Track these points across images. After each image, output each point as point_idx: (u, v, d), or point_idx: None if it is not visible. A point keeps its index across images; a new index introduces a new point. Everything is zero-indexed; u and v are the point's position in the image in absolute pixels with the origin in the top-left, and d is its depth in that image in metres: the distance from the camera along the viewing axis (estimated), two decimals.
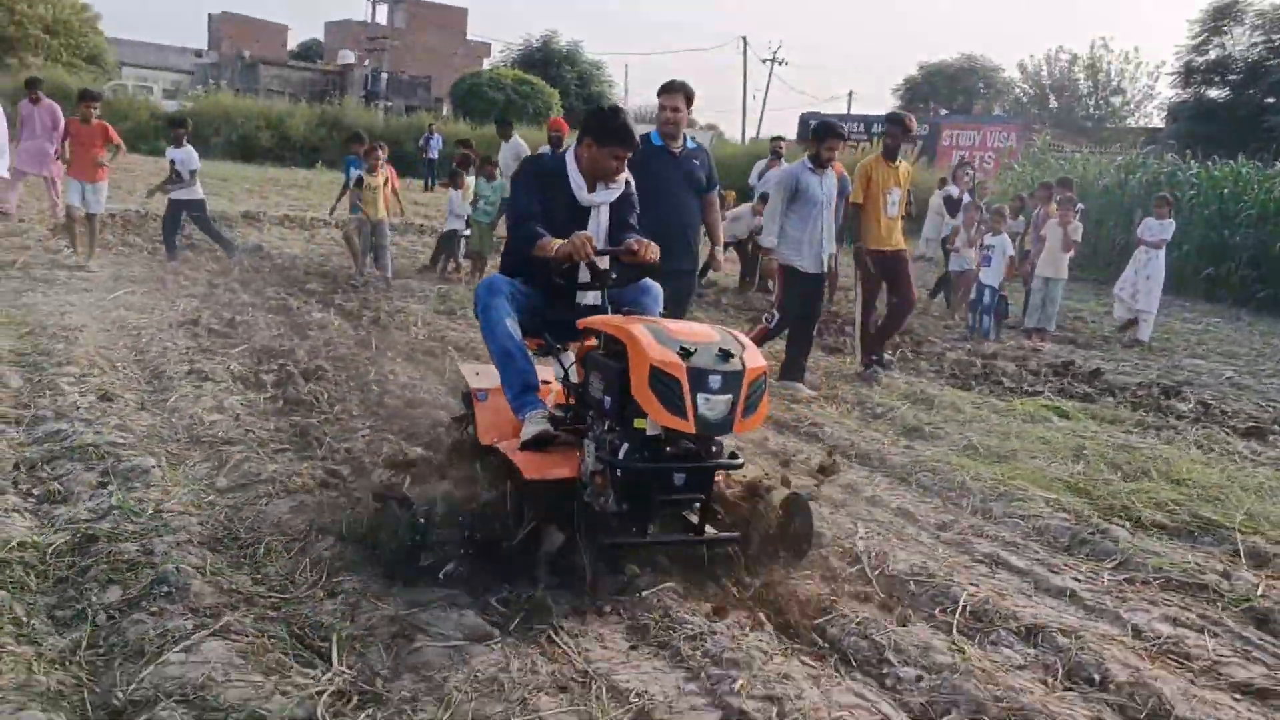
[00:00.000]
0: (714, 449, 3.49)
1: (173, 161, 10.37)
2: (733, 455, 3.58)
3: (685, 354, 3.24)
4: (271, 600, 3.25)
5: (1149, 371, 9.32)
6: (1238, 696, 3.25)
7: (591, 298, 4.05)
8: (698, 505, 3.65)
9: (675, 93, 5.77)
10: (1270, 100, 30.84)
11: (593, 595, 3.40)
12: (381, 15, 60.68)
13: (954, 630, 3.49)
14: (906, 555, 4.13)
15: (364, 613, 3.18)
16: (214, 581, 3.28)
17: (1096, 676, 3.25)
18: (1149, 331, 10.98)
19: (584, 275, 3.95)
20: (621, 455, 3.37)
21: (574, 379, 3.90)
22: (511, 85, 44.53)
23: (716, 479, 3.71)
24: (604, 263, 3.91)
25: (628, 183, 4.23)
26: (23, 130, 10.55)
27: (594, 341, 3.72)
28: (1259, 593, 4.02)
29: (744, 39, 71.33)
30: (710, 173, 6.03)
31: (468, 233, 11.25)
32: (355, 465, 4.47)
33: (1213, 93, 33.62)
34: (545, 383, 4.04)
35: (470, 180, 11.24)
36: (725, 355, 3.30)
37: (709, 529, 3.70)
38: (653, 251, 3.99)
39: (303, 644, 2.99)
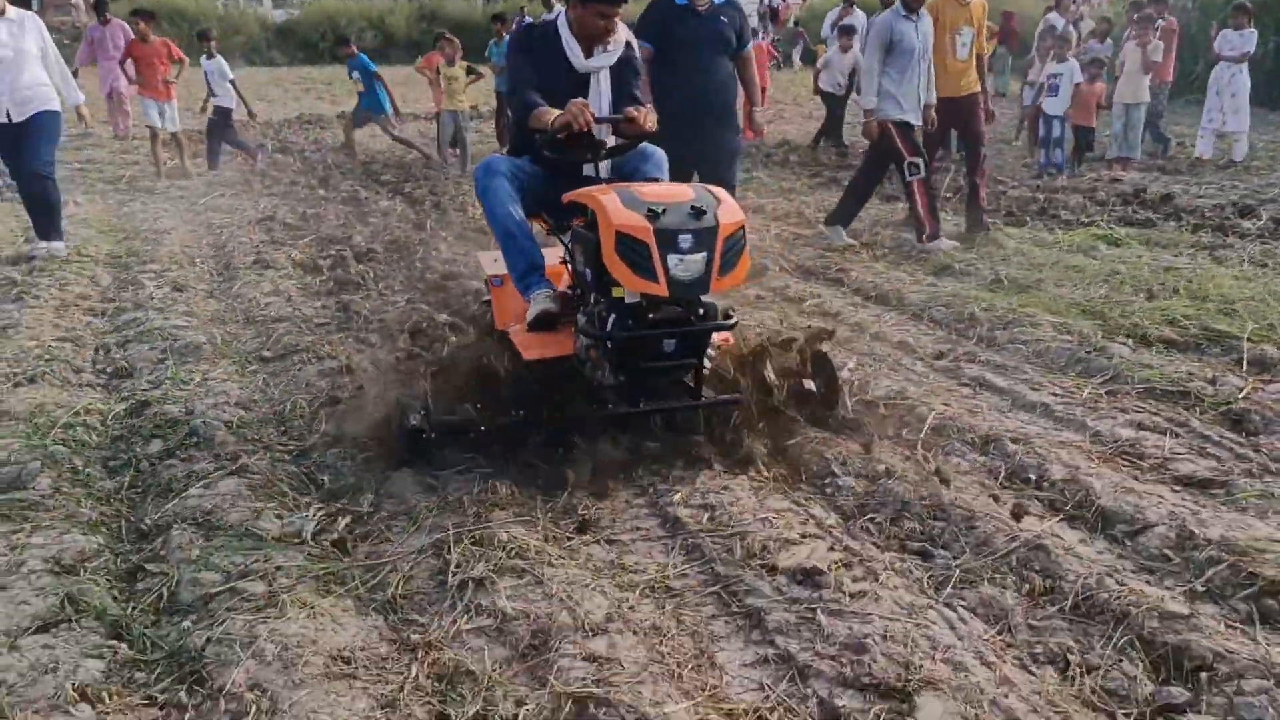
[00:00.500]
0: (703, 312, 3.39)
1: (206, 72, 10.50)
2: (726, 315, 3.46)
3: (653, 215, 3.15)
4: (289, 449, 3.73)
5: (1232, 193, 8.87)
6: (1176, 488, 3.38)
7: (593, 170, 3.89)
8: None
9: None
10: None
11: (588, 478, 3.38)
12: None
13: (918, 447, 3.69)
14: (890, 382, 4.33)
15: (365, 454, 3.62)
16: (240, 433, 3.79)
17: (1034, 476, 3.43)
18: (1244, 151, 10.34)
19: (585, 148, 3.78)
20: (609, 327, 3.33)
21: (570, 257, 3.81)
22: None
23: (718, 341, 3.63)
24: (604, 131, 3.80)
25: (628, 44, 4.02)
26: (98, 53, 11.16)
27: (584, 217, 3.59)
28: (1241, 395, 4.05)
29: None
30: (742, 28, 5.73)
31: None
32: (384, 333, 4.93)
33: None
34: (564, 262, 3.89)
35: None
36: (697, 213, 3.19)
37: (709, 392, 3.63)
38: (651, 119, 3.80)
39: (310, 481, 3.47)
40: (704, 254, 3.16)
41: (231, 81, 10.59)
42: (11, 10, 6.19)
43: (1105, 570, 2.82)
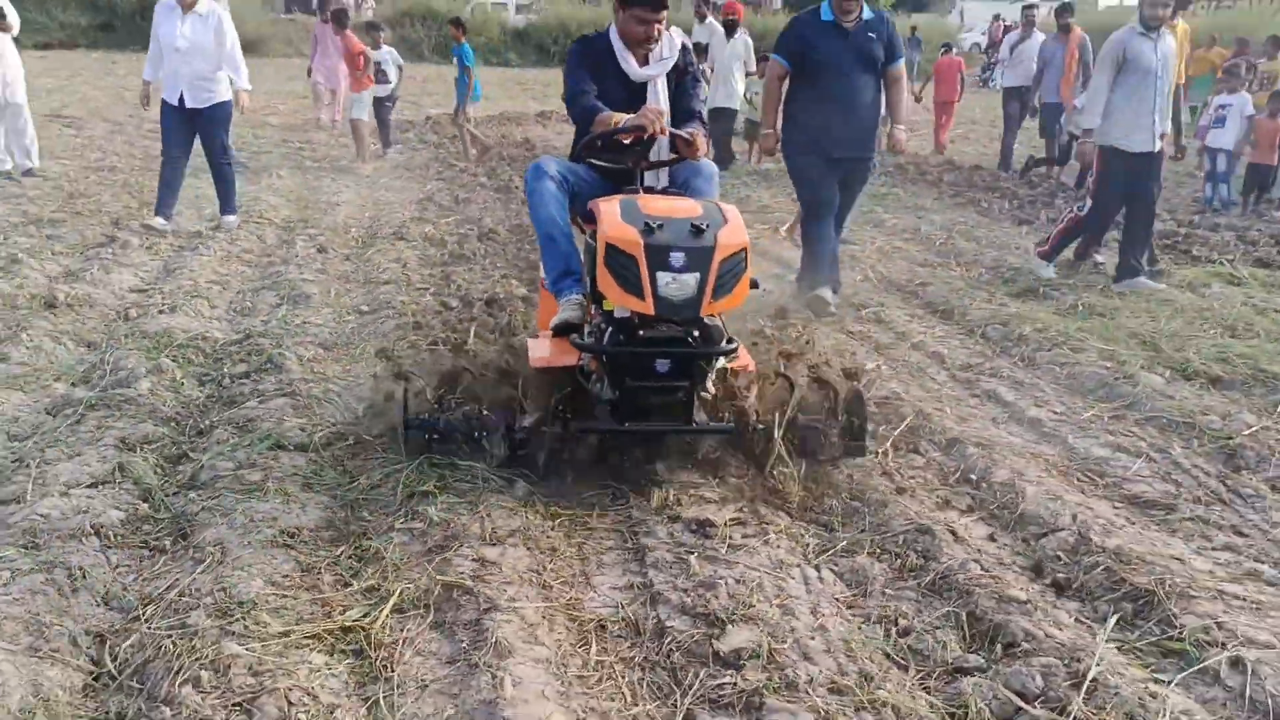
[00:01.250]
0: (701, 334, 3.22)
1: (378, 63, 11.28)
2: (729, 341, 3.30)
3: (648, 230, 3.06)
4: (342, 381, 4.41)
5: None
6: (1117, 505, 3.47)
7: (653, 178, 3.82)
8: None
9: None
10: None
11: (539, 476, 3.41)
12: None
13: (888, 443, 3.91)
14: (899, 386, 4.53)
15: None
16: (308, 366, 4.51)
17: (975, 477, 3.61)
18: None
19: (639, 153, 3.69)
20: (604, 341, 3.26)
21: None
22: None
23: (734, 366, 3.49)
24: (663, 144, 3.73)
25: (685, 51, 3.99)
26: (315, 49, 12.54)
27: None
28: (1247, 432, 3.99)
29: None
30: (891, 43, 5.43)
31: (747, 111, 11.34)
32: (463, 299, 5.57)
33: None
34: None
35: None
36: (696, 231, 3.09)
37: (702, 418, 3.41)
38: (703, 147, 3.76)
39: (342, 406, 4.10)
40: (697, 274, 3.06)
41: (400, 68, 11.62)
42: (202, 4, 6.83)
43: (980, 559, 3.01)
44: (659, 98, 3.87)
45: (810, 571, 2.96)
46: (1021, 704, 2.31)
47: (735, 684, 2.34)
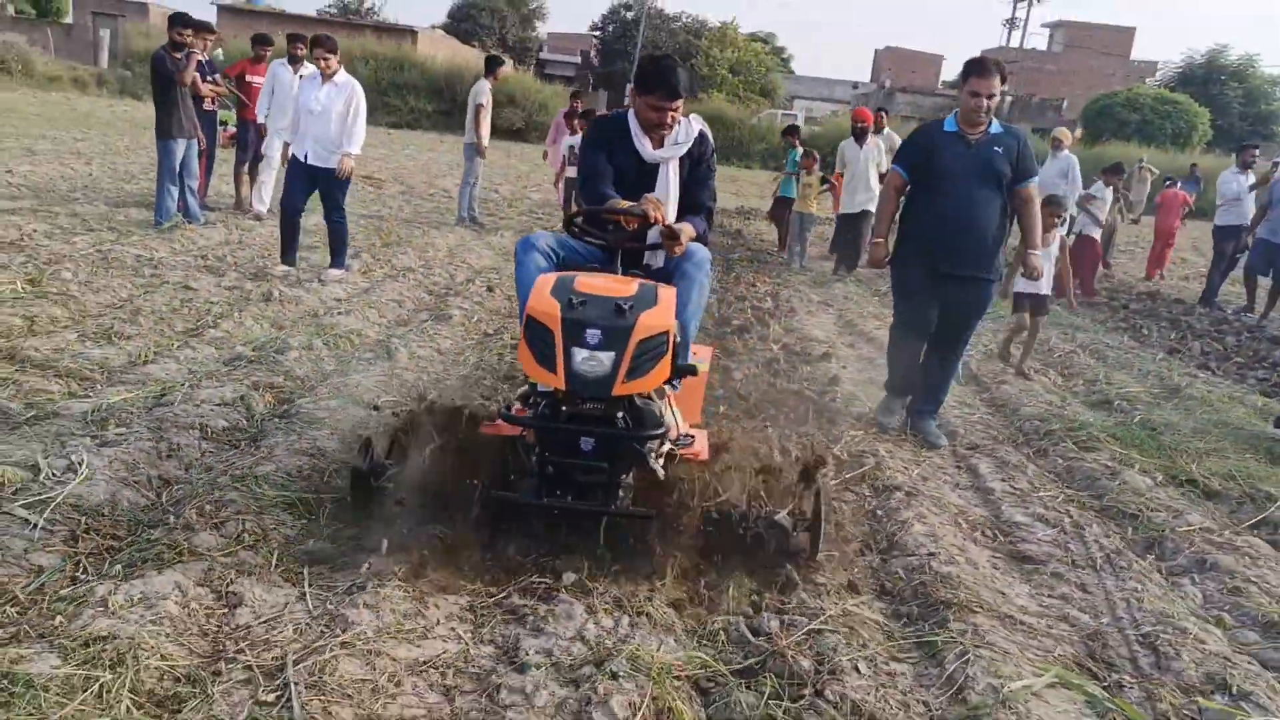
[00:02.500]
0: (637, 417, 3.21)
1: (571, 147, 12.40)
2: (676, 433, 3.35)
3: (570, 305, 3.05)
4: (431, 373, 5.59)
5: None
6: (996, 556, 3.93)
7: (650, 256, 3.89)
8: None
9: (988, 75, 4.87)
10: None
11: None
12: (1037, 41, 60.65)
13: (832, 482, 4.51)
14: (881, 446, 5.06)
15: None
16: (415, 359, 5.75)
17: (880, 514, 4.16)
18: None
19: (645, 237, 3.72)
20: (535, 414, 3.24)
21: None
22: (1150, 104, 42.13)
23: (684, 454, 3.50)
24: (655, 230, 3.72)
25: (701, 140, 4.00)
26: (554, 134, 14.16)
27: None
28: (1181, 529, 4.23)
29: None
30: (1019, 161, 4.97)
31: None
32: None
33: None
34: None
35: None
36: (618, 311, 3.05)
37: (625, 504, 3.31)
38: (676, 249, 3.73)
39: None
40: (613, 353, 3.01)
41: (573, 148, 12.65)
42: (341, 75, 7.67)
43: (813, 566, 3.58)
44: (670, 181, 3.93)
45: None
46: (765, 644, 2.96)
47: None
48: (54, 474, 3.48)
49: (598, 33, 59.30)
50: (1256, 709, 2.88)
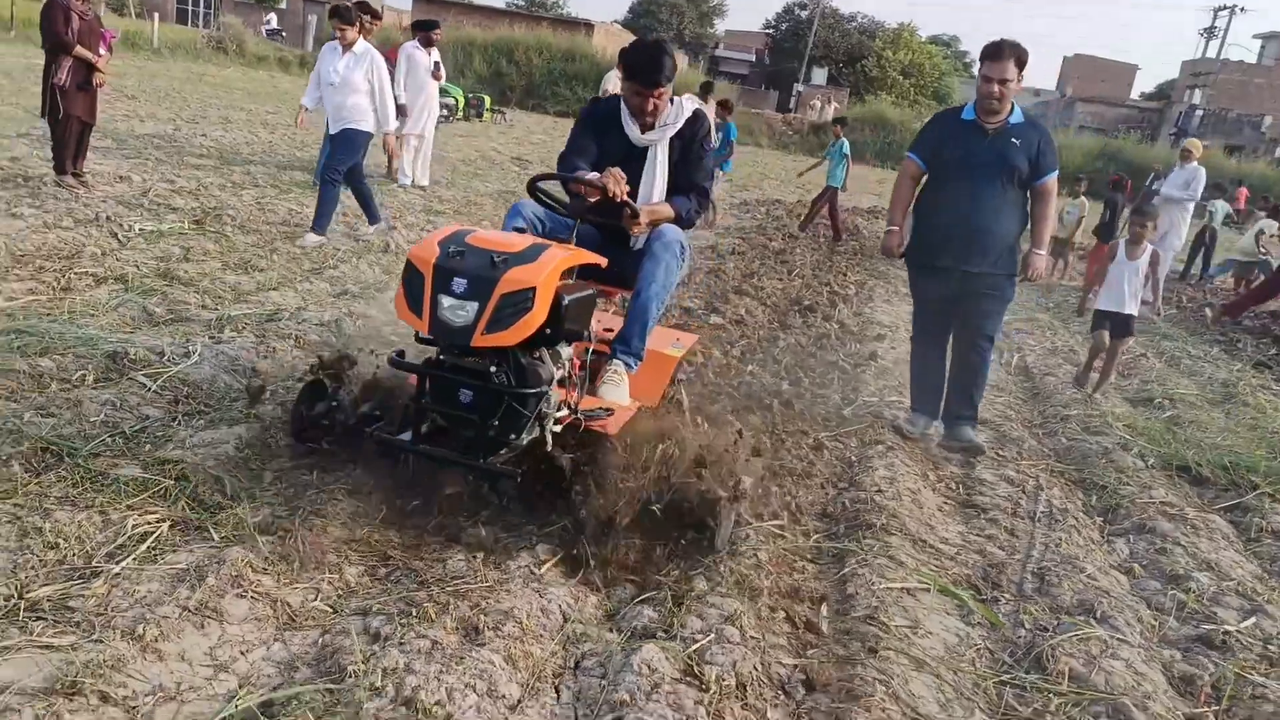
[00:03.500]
0: (520, 374, 3.17)
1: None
2: (537, 381, 3.18)
3: (449, 255, 3.07)
4: None
5: None
6: (945, 500, 4.41)
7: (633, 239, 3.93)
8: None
9: (1001, 59, 4.64)
10: None
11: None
12: (1245, 54, 56.91)
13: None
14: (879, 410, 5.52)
15: None
16: None
17: (856, 460, 4.67)
18: None
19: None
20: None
21: None
22: None
23: (589, 424, 3.41)
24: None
25: (694, 121, 3.98)
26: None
27: None
28: (1139, 500, 4.57)
29: None
30: (1038, 155, 4.73)
31: None
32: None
33: None
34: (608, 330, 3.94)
35: None
36: (491, 264, 3.03)
37: (494, 460, 3.24)
38: (635, 228, 3.80)
39: None
40: (476, 304, 3.00)
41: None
42: (359, 45, 7.74)
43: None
44: (658, 163, 3.94)
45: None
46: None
47: None
48: (173, 357, 4.45)
49: (770, 30, 59.49)
50: (1109, 629, 3.29)
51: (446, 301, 3.02)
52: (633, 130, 3.93)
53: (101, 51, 8.12)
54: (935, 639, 3.13)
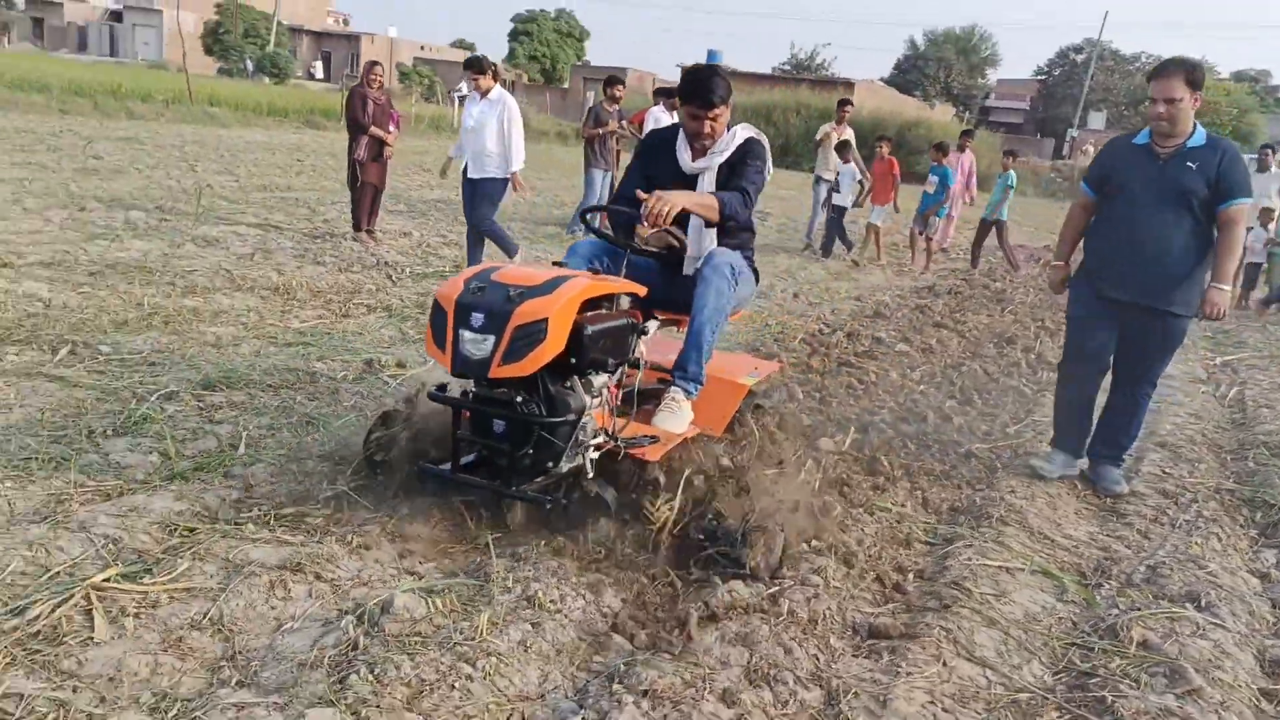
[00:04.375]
0: (550, 403, 3.28)
1: (837, 173, 12.83)
2: (602, 434, 3.40)
3: (468, 291, 3.19)
4: None
5: None
6: (1088, 509, 4.57)
7: (689, 266, 3.99)
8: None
9: (1171, 77, 4.33)
10: None
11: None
12: None
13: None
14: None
15: None
16: None
17: (991, 472, 4.93)
18: None
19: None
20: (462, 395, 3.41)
21: None
22: None
23: (630, 452, 3.45)
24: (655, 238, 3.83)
25: (744, 146, 3.95)
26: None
27: None
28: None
29: None
30: (1219, 178, 4.31)
31: None
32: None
33: None
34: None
35: None
36: (507, 298, 3.13)
37: (527, 489, 3.35)
38: (639, 231, 3.82)
39: None
40: (492, 337, 3.12)
41: (860, 182, 12.95)
42: (495, 92, 8.15)
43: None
44: (705, 190, 3.89)
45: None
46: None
47: None
48: (414, 364, 5.49)
49: (1043, 77, 57.22)
50: (1210, 616, 3.41)
51: (467, 336, 3.15)
52: (684, 156, 3.98)
53: (390, 129, 9.73)
54: (1017, 607, 3.41)
